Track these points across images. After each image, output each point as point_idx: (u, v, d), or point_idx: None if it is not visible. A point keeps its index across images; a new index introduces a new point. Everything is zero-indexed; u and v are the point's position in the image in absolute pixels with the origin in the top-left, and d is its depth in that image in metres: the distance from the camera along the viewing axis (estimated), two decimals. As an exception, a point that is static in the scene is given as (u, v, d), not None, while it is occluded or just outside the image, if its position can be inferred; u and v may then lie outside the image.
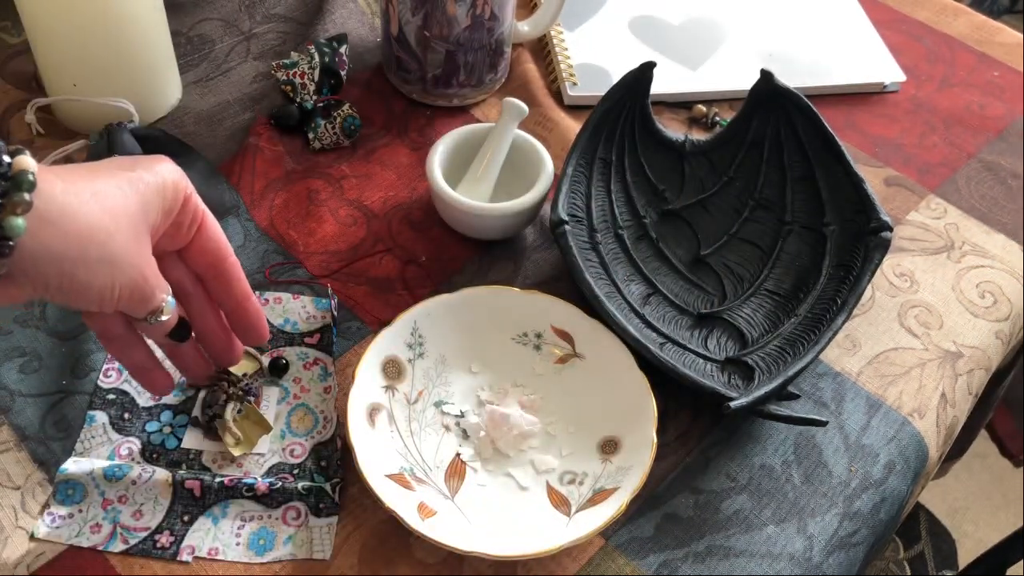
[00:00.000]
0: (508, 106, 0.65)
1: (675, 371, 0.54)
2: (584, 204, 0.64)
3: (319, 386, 0.57)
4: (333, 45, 0.73)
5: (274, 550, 0.50)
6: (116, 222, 0.41)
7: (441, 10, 0.68)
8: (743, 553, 0.52)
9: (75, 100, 0.68)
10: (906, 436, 0.58)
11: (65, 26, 0.64)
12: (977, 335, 0.64)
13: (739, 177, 0.67)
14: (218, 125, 0.72)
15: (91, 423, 0.54)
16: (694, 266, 0.65)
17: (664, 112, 0.77)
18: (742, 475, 0.55)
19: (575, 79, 0.78)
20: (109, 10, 0.64)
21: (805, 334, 0.58)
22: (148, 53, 0.68)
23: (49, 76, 0.69)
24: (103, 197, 0.41)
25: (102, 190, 0.41)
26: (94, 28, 0.64)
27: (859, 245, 0.60)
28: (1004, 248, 0.69)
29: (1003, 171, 0.75)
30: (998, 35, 0.88)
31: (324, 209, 0.67)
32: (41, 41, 0.67)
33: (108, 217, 0.41)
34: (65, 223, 0.39)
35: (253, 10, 0.82)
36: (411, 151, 0.72)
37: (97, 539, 0.50)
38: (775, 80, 0.65)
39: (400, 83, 0.75)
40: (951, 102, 0.81)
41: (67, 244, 0.39)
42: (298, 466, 0.53)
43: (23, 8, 0.65)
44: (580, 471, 0.53)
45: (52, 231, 0.39)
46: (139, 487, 0.51)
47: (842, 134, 0.76)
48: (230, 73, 0.77)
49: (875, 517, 0.55)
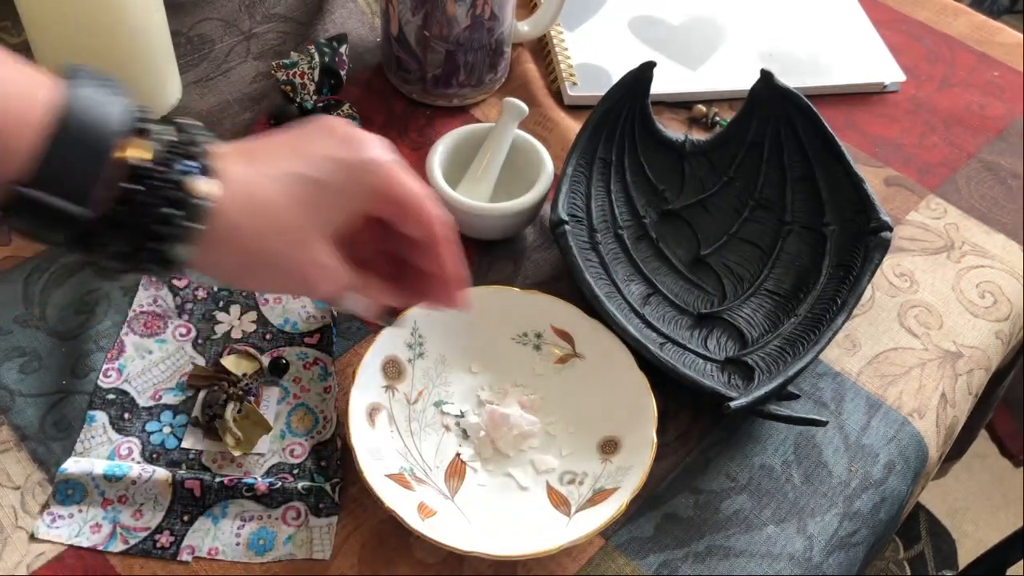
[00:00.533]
0: (508, 106, 0.65)
1: (675, 371, 0.54)
2: (584, 204, 0.64)
3: (319, 386, 0.57)
4: (333, 45, 0.73)
5: (274, 550, 0.50)
6: (282, 236, 0.41)
7: (441, 10, 0.68)
8: (743, 553, 0.52)
9: (75, 100, 0.68)
10: (906, 436, 0.58)
11: (65, 26, 0.64)
12: (977, 335, 0.64)
13: (739, 177, 0.67)
14: (218, 125, 0.72)
15: (91, 423, 0.54)
16: (694, 266, 0.65)
17: (664, 112, 0.77)
18: (742, 475, 0.55)
19: (575, 79, 0.78)
20: (109, 10, 0.64)
21: (805, 334, 0.58)
22: (148, 53, 0.68)
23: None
24: (273, 210, 0.41)
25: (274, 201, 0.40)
26: (94, 28, 0.64)
27: (859, 245, 0.60)
28: (1004, 248, 0.69)
29: (1003, 171, 0.75)
30: (998, 35, 0.88)
31: (324, 209, 0.67)
32: (41, 41, 0.67)
33: (274, 232, 0.41)
34: (228, 243, 0.40)
35: (253, 10, 0.82)
36: (411, 151, 0.72)
37: (97, 539, 0.50)
38: (775, 80, 0.65)
39: (400, 83, 0.75)
40: (951, 102, 0.81)
41: (229, 259, 0.41)
42: (298, 466, 0.53)
43: (23, 8, 0.65)
44: (580, 471, 0.53)
45: (215, 251, 0.40)
46: (139, 487, 0.51)
47: (842, 134, 0.76)
48: (230, 73, 0.77)
49: (875, 517, 0.55)
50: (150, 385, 0.56)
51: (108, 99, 0.37)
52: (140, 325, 0.59)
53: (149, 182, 0.37)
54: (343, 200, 0.43)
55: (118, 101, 0.37)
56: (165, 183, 0.37)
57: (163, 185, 0.37)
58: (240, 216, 0.40)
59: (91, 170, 0.36)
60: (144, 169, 0.37)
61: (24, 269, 0.61)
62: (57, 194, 0.36)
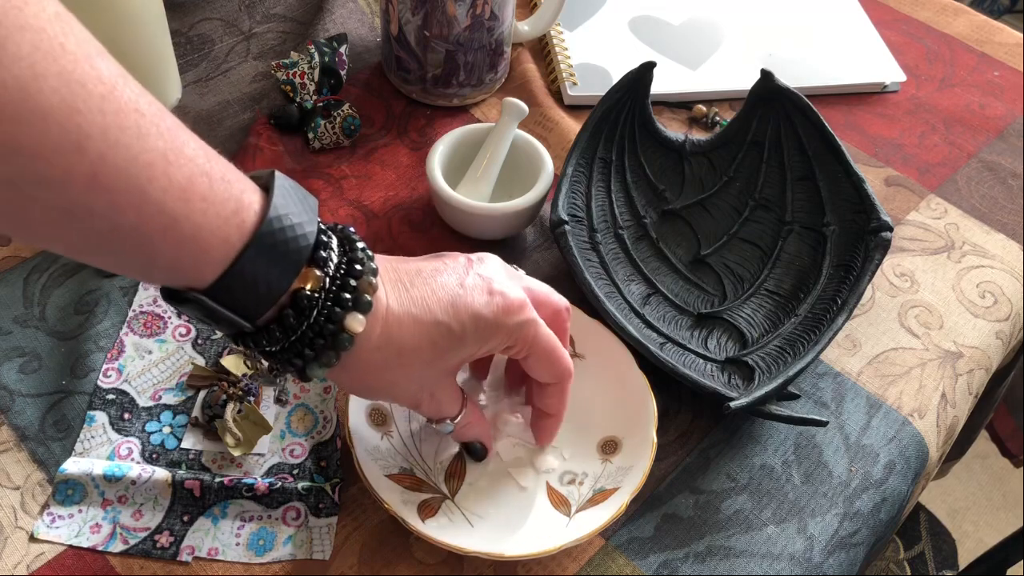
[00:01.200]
0: (508, 106, 0.65)
1: (675, 371, 0.54)
2: (584, 204, 0.64)
3: (319, 386, 0.57)
4: (333, 45, 0.73)
5: (274, 550, 0.50)
6: (408, 378, 0.44)
7: (441, 10, 0.68)
8: (743, 553, 0.52)
9: (75, 100, 0.68)
10: (906, 436, 0.58)
11: (65, 26, 0.64)
12: (977, 335, 0.64)
13: (739, 177, 0.67)
14: (218, 125, 0.72)
15: (91, 423, 0.54)
16: (694, 266, 0.65)
17: (664, 112, 0.77)
18: (742, 475, 0.55)
19: (575, 79, 0.78)
20: (109, 10, 0.64)
21: (805, 334, 0.58)
22: (148, 53, 0.68)
23: (49, 76, 0.69)
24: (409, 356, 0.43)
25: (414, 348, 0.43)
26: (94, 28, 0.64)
27: (859, 245, 0.60)
28: (1004, 248, 0.69)
29: (1003, 171, 0.75)
30: (998, 35, 0.88)
31: (324, 209, 0.67)
32: (41, 41, 0.66)
33: (402, 374, 0.43)
34: (357, 373, 0.42)
35: (253, 10, 0.82)
36: (411, 151, 0.72)
37: (97, 539, 0.50)
38: (775, 80, 0.65)
39: (400, 83, 0.75)
40: (951, 102, 0.81)
41: (356, 381, 0.44)
42: (298, 466, 0.53)
43: (23, 8, 0.65)
44: (580, 471, 0.53)
45: (342, 375, 0.43)
46: (139, 487, 0.51)
47: (842, 134, 0.76)
48: (230, 73, 0.77)
49: (875, 517, 0.55)
50: (150, 385, 0.56)
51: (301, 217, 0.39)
52: (140, 325, 0.59)
53: (310, 313, 0.39)
54: (479, 349, 0.45)
55: (309, 219, 0.39)
56: (323, 317, 0.39)
57: (321, 319, 0.39)
58: (376, 352, 0.42)
59: (269, 297, 0.38)
60: (309, 299, 0.39)
61: (24, 269, 0.61)
62: (232, 309, 0.38)
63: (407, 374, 0.44)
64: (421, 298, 0.43)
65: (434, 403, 0.46)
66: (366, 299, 0.40)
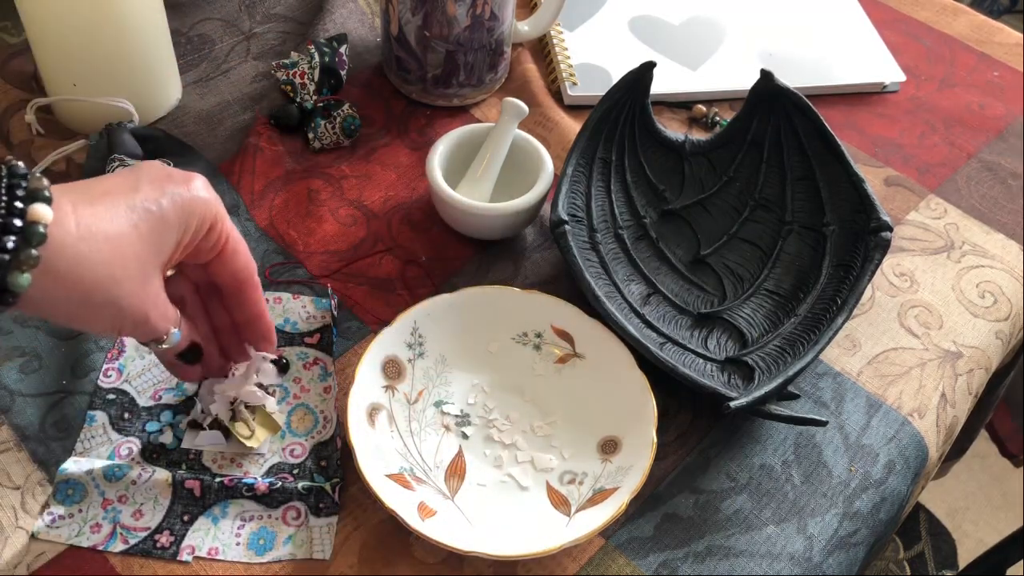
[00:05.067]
0: (508, 106, 0.65)
1: (675, 371, 0.54)
2: (584, 204, 0.64)
3: (319, 386, 0.57)
4: (333, 45, 0.73)
5: (274, 550, 0.50)
6: (125, 269, 0.41)
7: (441, 10, 0.68)
8: (743, 553, 0.52)
9: (75, 100, 0.68)
10: (906, 436, 0.58)
11: (65, 26, 0.64)
12: (977, 335, 0.64)
13: (739, 177, 0.67)
14: (218, 125, 0.72)
15: (91, 423, 0.54)
16: (694, 266, 0.65)
17: (664, 112, 0.77)
18: (742, 475, 0.55)
19: (575, 79, 0.78)
20: (109, 10, 0.64)
21: (805, 334, 0.58)
22: (148, 53, 0.68)
23: (49, 76, 0.69)
24: (116, 242, 0.41)
25: (117, 232, 0.41)
26: (94, 28, 0.64)
27: (859, 245, 0.60)
28: (1004, 248, 0.69)
29: (1003, 171, 0.75)
30: (998, 35, 0.88)
31: (324, 209, 0.67)
32: (41, 41, 0.67)
33: (118, 264, 0.41)
34: (71, 275, 0.39)
35: (253, 10, 0.82)
36: (411, 151, 0.72)
37: (97, 539, 0.50)
38: (775, 80, 0.65)
39: (400, 83, 0.75)
40: (951, 102, 0.81)
41: (71, 293, 0.40)
42: (298, 466, 0.53)
43: (23, 8, 0.65)
44: (580, 471, 0.53)
45: (57, 283, 0.39)
46: (139, 487, 0.51)
47: (842, 134, 0.76)
48: (230, 73, 0.77)
49: (875, 517, 0.55)
50: (150, 385, 0.56)
51: None
52: (140, 325, 0.59)
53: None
54: (177, 233, 0.44)
55: None
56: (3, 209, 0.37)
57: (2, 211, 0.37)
58: (83, 246, 0.39)
59: None
60: None
61: (24, 269, 0.61)
62: None
63: (128, 273, 0.41)
64: (105, 191, 0.41)
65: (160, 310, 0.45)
66: (44, 193, 0.38)
